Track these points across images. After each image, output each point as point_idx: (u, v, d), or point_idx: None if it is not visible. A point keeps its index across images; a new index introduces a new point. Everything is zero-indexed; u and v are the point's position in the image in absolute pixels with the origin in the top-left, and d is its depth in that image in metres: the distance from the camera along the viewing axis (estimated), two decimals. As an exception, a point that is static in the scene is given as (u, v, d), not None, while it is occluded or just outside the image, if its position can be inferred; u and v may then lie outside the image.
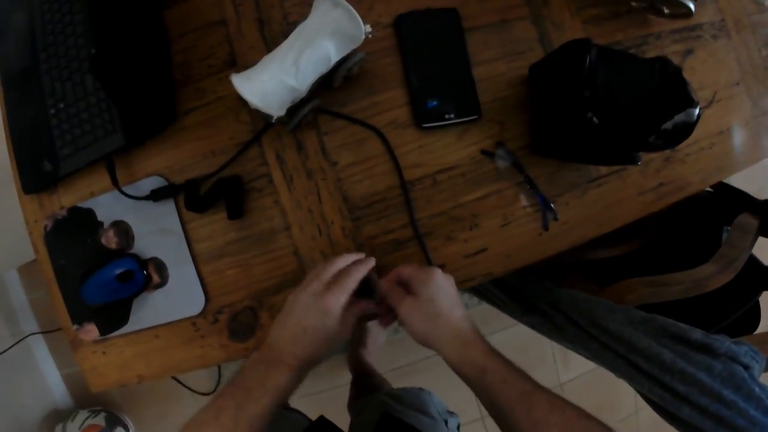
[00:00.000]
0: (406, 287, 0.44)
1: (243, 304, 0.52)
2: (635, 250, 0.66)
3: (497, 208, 0.51)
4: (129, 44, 0.52)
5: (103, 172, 0.52)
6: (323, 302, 0.39)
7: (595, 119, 0.47)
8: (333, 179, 0.50)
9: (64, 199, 0.55)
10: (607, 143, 0.49)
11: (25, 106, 0.57)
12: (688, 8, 0.58)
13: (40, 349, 1.16)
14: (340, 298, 0.40)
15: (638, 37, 0.58)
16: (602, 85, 0.47)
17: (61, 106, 0.55)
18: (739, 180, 0.68)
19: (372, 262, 0.45)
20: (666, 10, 0.58)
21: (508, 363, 0.39)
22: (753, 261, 0.67)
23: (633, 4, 0.57)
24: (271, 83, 0.44)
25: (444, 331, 0.40)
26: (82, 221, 0.55)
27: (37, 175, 0.56)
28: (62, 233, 0.56)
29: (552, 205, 0.52)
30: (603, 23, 0.56)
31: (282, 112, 0.45)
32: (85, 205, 0.55)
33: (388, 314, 0.46)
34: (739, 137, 0.63)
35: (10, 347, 1.06)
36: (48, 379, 1.15)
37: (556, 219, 0.52)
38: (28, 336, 1.12)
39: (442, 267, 0.50)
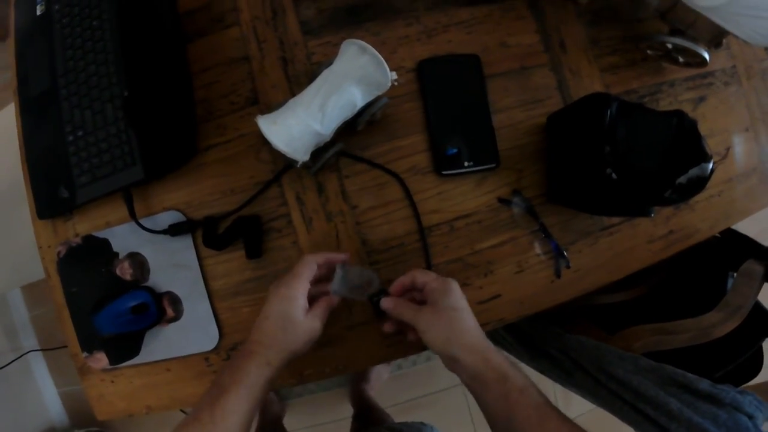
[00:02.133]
0: (413, 295, 0.45)
1: (257, 341, 0.52)
2: (643, 295, 0.67)
3: (512, 255, 0.52)
4: (156, 81, 0.52)
5: (120, 203, 0.52)
6: (279, 289, 0.42)
7: (614, 175, 0.47)
8: (352, 222, 0.50)
9: (79, 226, 0.55)
10: (624, 197, 0.50)
11: (43, 131, 0.57)
12: (703, 58, 0.59)
13: (39, 366, 1.16)
14: (291, 282, 0.42)
15: (653, 85, 0.59)
16: (621, 141, 0.48)
17: (80, 133, 0.55)
18: (742, 221, 0.70)
19: (339, 256, 0.46)
20: (681, 59, 0.59)
21: (526, 374, 0.40)
22: (758, 307, 0.68)
23: (649, 52, 0.58)
24: (297, 128, 0.44)
25: (466, 339, 0.41)
26: (96, 250, 0.55)
27: (52, 202, 0.56)
28: (76, 261, 0.56)
29: (565, 253, 0.53)
30: (619, 71, 0.57)
31: (307, 157, 0.46)
32: (101, 234, 0.55)
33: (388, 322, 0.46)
34: (747, 183, 0.64)
35: (10, 363, 1.06)
36: (45, 397, 1.15)
37: (568, 267, 0.53)
38: (28, 352, 1.12)
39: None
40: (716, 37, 0.56)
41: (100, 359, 0.55)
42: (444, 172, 0.51)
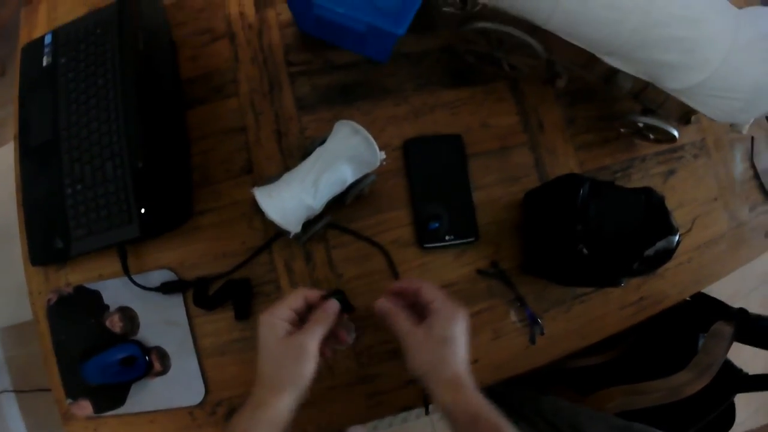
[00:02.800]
0: (411, 305, 0.43)
1: (242, 399, 0.53)
2: (615, 358, 0.70)
3: (489, 323, 0.55)
4: (158, 145, 0.54)
5: (114, 257, 0.54)
6: (260, 316, 0.40)
7: (585, 250, 0.50)
8: (337, 290, 0.53)
9: (72, 276, 0.57)
10: (594, 270, 0.53)
11: (42, 179, 0.58)
12: (672, 135, 0.63)
13: (11, 408, 1.14)
14: (270, 308, 0.40)
15: (625, 160, 0.62)
16: (593, 218, 0.52)
17: (79, 187, 0.56)
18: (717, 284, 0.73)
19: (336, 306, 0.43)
20: (652, 136, 0.63)
21: (499, 414, 0.39)
22: (727, 364, 0.71)
23: (622, 130, 0.63)
24: (291, 202, 0.47)
25: (447, 374, 0.40)
26: (87, 301, 0.56)
27: (47, 250, 0.57)
28: (66, 309, 0.57)
29: (539, 321, 0.55)
30: (593, 149, 0.61)
31: (298, 229, 0.48)
32: (93, 286, 0.57)
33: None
34: (716, 249, 0.68)
35: (-19, 401, 1.04)
36: (15, 439, 1.13)
37: (542, 333, 0.56)
38: (0, 393, 1.10)
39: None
40: (685, 114, 0.60)
41: (85, 407, 0.56)
42: (426, 245, 0.53)
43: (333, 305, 0.41)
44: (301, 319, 0.41)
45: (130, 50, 0.56)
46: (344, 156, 0.48)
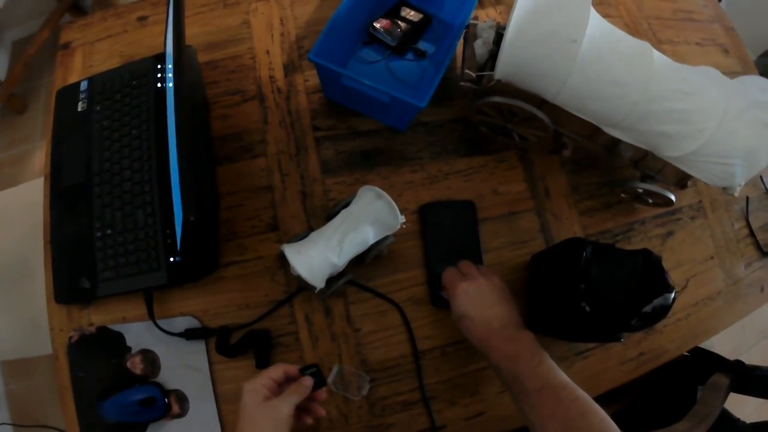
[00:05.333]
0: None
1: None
2: (618, 411, 0.72)
3: (496, 377, 0.58)
4: (193, 199, 0.55)
5: (138, 300, 0.57)
6: (244, 384, 0.44)
7: (587, 308, 0.54)
8: (354, 344, 0.56)
9: (95, 317, 0.59)
10: (596, 326, 0.57)
11: (72, 220, 0.61)
12: (670, 199, 0.67)
13: None
14: (254, 377, 0.45)
15: (625, 224, 0.66)
16: (595, 278, 0.55)
17: (109, 231, 0.58)
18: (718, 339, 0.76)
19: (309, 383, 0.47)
20: (650, 200, 0.67)
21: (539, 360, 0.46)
22: (724, 413, 0.73)
23: (623, 196, 0.66)
24: (318, 259, 0.51)
25: (475, 341, 0.49)
26: (109, 342, 0.58)
27: (72, 289, 0.58)
28: (87, 349, 0.58)
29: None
30: (595, 214, 0.65)
31: (323, 285, 0.52)
32: (116, 327, 0.58)
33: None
34: (713, 306, 0.71)
35: (-23, 433, 1.02)
36: (9, 474, 1.09)
37: (546, 389, 0.58)
38: None
39: (442, 428, 0.56)
40: (682, 179, 0.64)
41: (100, 445, 0.58)
42: (439, 304, 0.57)
43: (308, 380, 0.46)
44: (281, 389, 0.46)
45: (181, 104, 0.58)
46: (368, 219, 0.52)
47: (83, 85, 0.68)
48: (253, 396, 0.44)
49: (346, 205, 0.54)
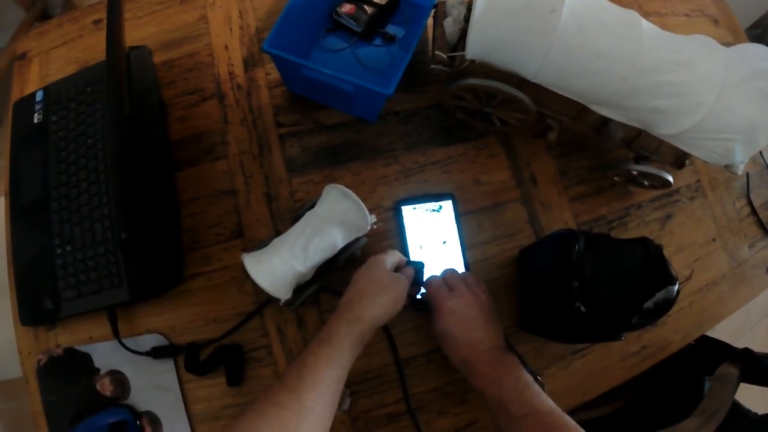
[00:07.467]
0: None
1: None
2: (621, 408, 0.68)
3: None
4: (147, 209, 0.54)
5: (104, 320, 0.54)
6: (369, 258, 0.47)
7: (582, 308, 0.49)
8: (330, 355, 0.52)
9: (62, 338, 0.56)
10: (593, 327, 0.52)
11: (32, 239, 0.58)
12: (667, 180, 0.63)
13: None
14: (379, 255, 0.47)
15: (621, 209, 0.62)
16: (589, 274, 0.51)
17: (69, 248, 0.56)
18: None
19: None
20: (646, 183, 0.63)
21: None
22: (734, 405, 0.69)
23: (616, 179, 0.62)
24: (280, 268, 0.46)
25: (456, 361, 0.47)
26: (77, 364, 0.55)
27: (36, 311, 0.56)
28: (56, 371, 0.56)
29: (539, 378, 0.54)
30: (587, 200, 0.60)
31: (288, 296, 0.48)
32: (83, 348, 0.56)
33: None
34: (717, 291, 0.67)
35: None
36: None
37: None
38: None
39: None
40: (679, 159, 0.60)
41: (74, 470, 0.55)
42: (420, 309, 0.53)
43: (409, 271, 0.49)
44: None
45: (117, 115, 0.55)
46: (334, 221, 0.48)
47: (38, 96, 0.64)
48: (384, 267, 0.46)
49: (312, 206, 0.50)
